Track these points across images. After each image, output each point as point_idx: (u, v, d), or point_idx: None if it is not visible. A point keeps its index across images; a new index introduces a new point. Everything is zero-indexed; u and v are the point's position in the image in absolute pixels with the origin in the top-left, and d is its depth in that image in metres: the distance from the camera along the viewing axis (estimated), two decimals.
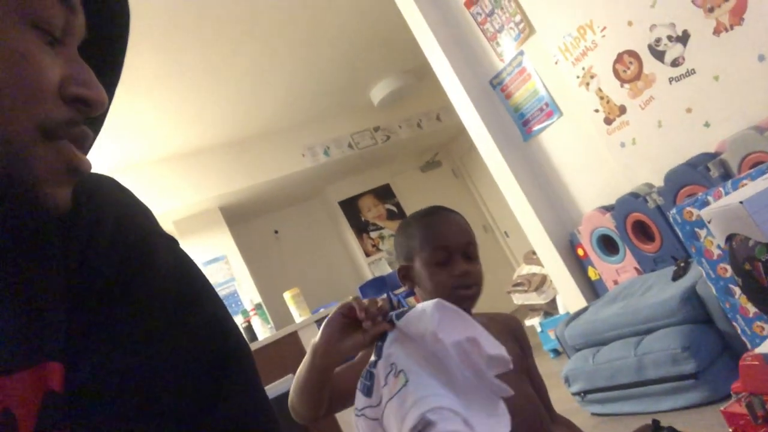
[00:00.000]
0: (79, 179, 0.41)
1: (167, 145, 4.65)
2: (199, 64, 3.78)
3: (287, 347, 3.25)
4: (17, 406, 0.37)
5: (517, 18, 2.89)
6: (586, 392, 2.22)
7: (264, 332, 3.49)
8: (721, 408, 1.21)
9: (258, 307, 3.78)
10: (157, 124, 4.27)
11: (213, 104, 4.37)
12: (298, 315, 3.47)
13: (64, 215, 0.40)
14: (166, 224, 5.01)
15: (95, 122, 0.49)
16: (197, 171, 4.96)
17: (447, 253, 0.97)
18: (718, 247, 1.55)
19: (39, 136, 0.37)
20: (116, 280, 0.43)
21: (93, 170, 0.45)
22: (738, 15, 2.03)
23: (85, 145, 0.41)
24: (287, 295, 3.54)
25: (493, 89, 3.18)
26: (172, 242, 0.49)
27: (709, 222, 0.98)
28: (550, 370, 3.21)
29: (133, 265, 0.44)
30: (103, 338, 0.41)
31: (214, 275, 5.08)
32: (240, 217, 5.78)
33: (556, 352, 3.62)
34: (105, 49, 0.49)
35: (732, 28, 2.07)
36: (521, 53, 2.95)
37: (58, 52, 0.40)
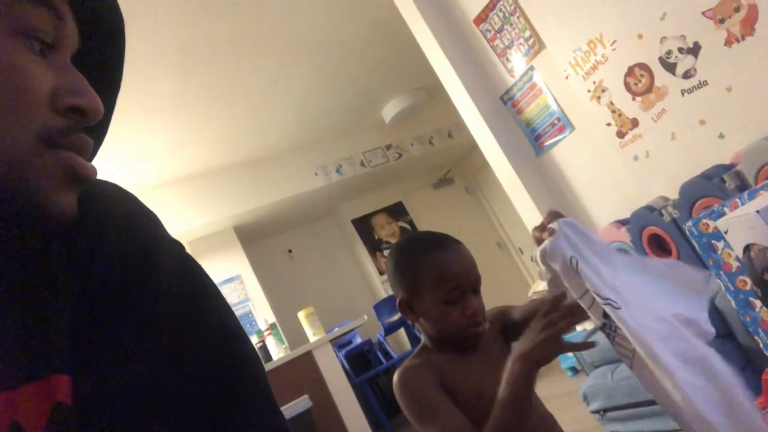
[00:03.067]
0: (83, 185, 0.41)
1: (181, 167, 4.71)
2: (212, 85, 3.84)
3: (302, 367, 3.24)
4: (25, 419, 0.37)
5: (527, 34, 2.90)
6: (606, 410, 2.17)
7: (279, 352, 3.48)
8: None
9: (272, 327, 3.78)
10: (171, 146, 4.33)
11: (226, 125, 4.43)
12: (312, 334, 3.47)
13: (68, 223, 0.40)
14: None
15: (97, 130, 0.49)
16: (211, 192, 5.01)
17: (460, 291, 0.96)
18: (737, 259, 1.52)
19: (38, 146, 0.37)
20: (121, 288, 0.42)
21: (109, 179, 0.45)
22: (749, 25, 2.02)
23: (86, 152, 0.41)
24: (301, 315, 3.54)
25: (504, 105, 3.18)
26: (178, 247, 0.49)
27: (725, 232, 0.97)
28: (568, 388, 3.16)
29: (138, 271, 0.43)
30: (110, 348, 0.41)
31: (228, 296, 5.09)
32: (254, 237, 5.81)
33: (574, 370, 3.56)
34: (101, 58, 0.49)
35: (744, 39, 2.05)
36: (531, 68, 2.96)
37: (49, 62, 0.40)
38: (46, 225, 0.39)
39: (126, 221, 0.46)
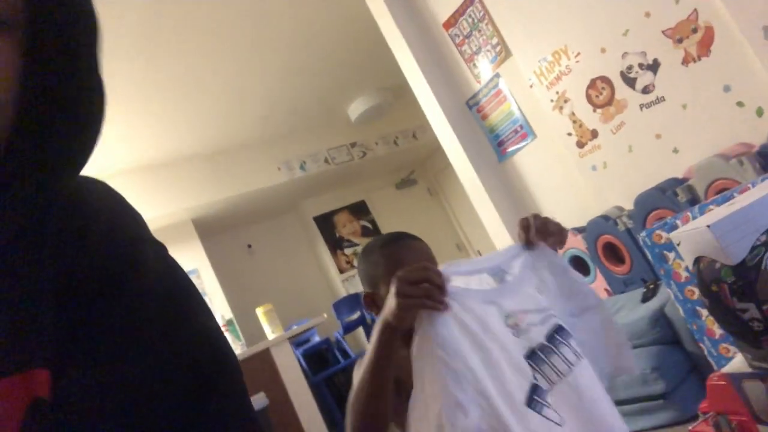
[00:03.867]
0: None
1: (140, 155, 4.59)
2: (176, 74, 3.75)
3: (259, 364, 3.20)
4: (2, 412, 0.36)
5: (494, 41, 2.95)
6: None
7: (235, 349, 3.43)
8: (689, 428, 1.24)
9: (229, 323, 3.73)
10: (131, 134, 4.22)
11: (188, 115, 4.34)
12: (271, 331, 3.43)
13: (56, 221, 0.40)
14: None
15: (82, 133, 0.46)
16: (170, 182, 4.89)
17: None
18: (686, 269, 1.59)
19: None
20: (105, 287, 0.43)
21: (82, 173, 0.44)
22: (705, 47, 2.12)
23: None
24: (260, 311, 3.50)
25: (470, 110, 3.23)
26: (162, 249, 0.49)
27: (678, 245, 1.01)
28: None
29: (123, 272, 0.44)
30: (92, 345, 0.41)
31: None
32: (213, 230, 5.71)
33: None
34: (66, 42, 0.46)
35: (699, 59, 2.15)
36: (497, 75, 3.01)
37: None
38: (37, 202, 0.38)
39: (113, 220, 0.46)
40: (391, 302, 0.77)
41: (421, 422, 0.72)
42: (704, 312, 1.60)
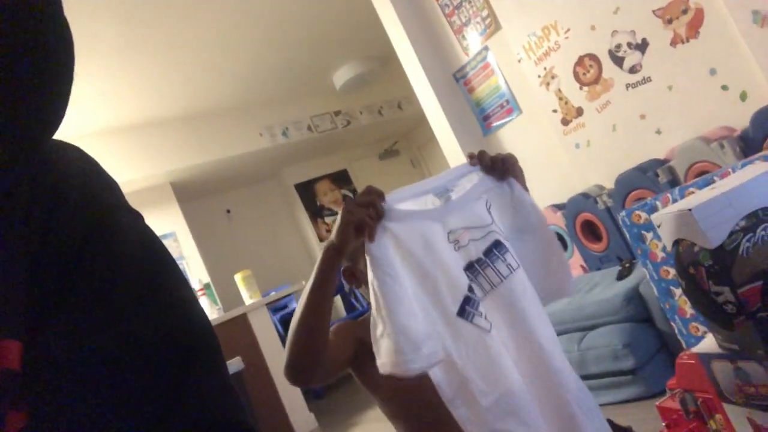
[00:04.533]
0: None
1: (119, 115, 4.48)
2: (158, 34, 3.64)
3: (235, 329, 3.21)
4: None
5: (484, 13, 2.91)
6: None
7: (211, 313, 3.43)
8: (656, 403, 1.28)
9: (206, 287, 3.71)
10: (111, 94, 4.10)
11: (170, 75, 4.23)
12: (249, 297, 3.43)
13: (26, 185, 0.38)
14: None
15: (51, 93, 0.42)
16: (149, 144, 4.79)
17: None
18: (663, 250, 1.62)
19: None
20: (78, 255, 0.41)
21: (56, 137, 0.42)
22: (694, 28, 2.11)
23: None
24: (238, 277, 3.49)
25: (456, 82, 3.20)
26: (138, 217, 0.48)
27: (658, 226, 1.02)
28: None
29: (97, 240, 0.42)
30: (64, 316, 0.40)
31: None
32: (191, 194, 5.63)
33: None
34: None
35: (688, 41, 2.14)
36: (486, 48, 2.98)
37: None
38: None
39: (87, 187, 0.44)
40: (337, 220, 0.85)
41: (383, 338, 0.78)
42: (677, 291, 1.64)
